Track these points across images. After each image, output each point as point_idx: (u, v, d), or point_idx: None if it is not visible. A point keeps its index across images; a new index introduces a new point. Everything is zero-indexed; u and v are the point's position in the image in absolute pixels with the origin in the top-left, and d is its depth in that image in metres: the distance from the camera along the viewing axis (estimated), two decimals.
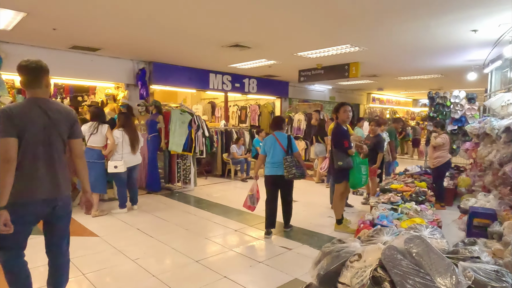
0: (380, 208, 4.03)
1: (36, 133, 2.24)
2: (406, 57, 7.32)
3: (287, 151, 4.47)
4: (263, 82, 10.77)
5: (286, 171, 4.38)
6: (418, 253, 1.63)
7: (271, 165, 4.53)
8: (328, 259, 2.04)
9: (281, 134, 4.61)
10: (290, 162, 4.38)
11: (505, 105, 5.09)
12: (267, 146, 4.58)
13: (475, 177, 6.57)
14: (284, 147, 4.47)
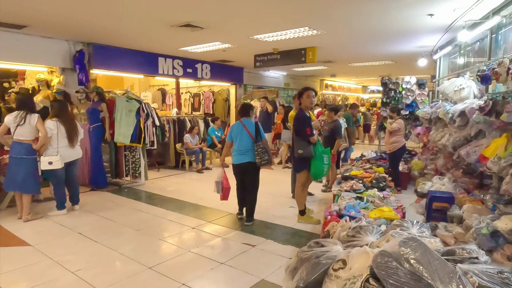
0: (346, 198, 3.87)
1: None
2: (362, 42, 7.27)
3: (255, 139, 4.41)
4: (217, 67, 10.26)
5: (258, 157, 4.36)
6: (417, 259, 1.39)
7: (238, 152, 4.46)
8: (307, 267, 1.74)
9: (249, 121, 4.53)
10: (262, 148, 4.36)
11: (458, 90, 5.18)
12: (234, 133, 4.50)
13: (427, 160, 6.77)
14: (252, 134, 4.43)
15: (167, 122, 8.35)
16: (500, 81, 3.57)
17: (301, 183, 4.54)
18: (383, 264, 1.44)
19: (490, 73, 3.91)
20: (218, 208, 5.25)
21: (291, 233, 4.21)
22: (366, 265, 1.56)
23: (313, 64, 10.63)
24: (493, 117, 3.90)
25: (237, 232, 4.27)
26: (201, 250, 3.71)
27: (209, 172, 8.17)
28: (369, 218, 3.36)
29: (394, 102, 8.21)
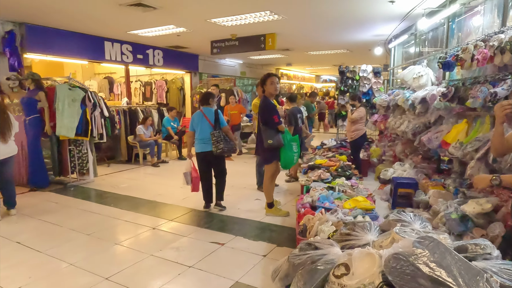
0: (318, 189, 3.73)
1: None
2: (322, 29, 7.19)
3: (214, 126, 4.41)
4: (170, 54, 9.64)
5: (214, 146, 4.35)
6: (437, 262, 1.21)
7: (199, 141, 4.46)
8: (303, 275, 1.51)
9: (209, 110, 4.52)
10: (217, 137, 4.34)
11: (417, 77, 5.27)
12: (194, 122, 4.50)
13: (385, 147, 6.93)
14: (212, 122, 4.43)
15: (117, 112, 7.67)
16: (464, 68, 3.61)
17: (270, 174, 4.34)
18: (398, 269, 1.25)
19: (452, 60, 3.96)
20: (179, 204, 4.88)
21: (261, 228, 3.99)
22: (373, 269, 1.37)
23: (270, 52, 10.44)
24: (455, 103, 3.97)
25: (203, 230, 3.95)
26: (165, 253, 3.35)
27: (165, 166, 7.68)
28: (344, 209, 3.25)
29: (352, 90, 8.31)
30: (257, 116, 5.26)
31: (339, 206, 3.34)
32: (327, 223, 2.90)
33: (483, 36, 3.62)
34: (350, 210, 3.17)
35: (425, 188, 4.49)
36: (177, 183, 6.05)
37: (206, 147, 4.41)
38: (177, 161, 8.35)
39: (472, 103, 3.39)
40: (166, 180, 6.34)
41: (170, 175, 6.74)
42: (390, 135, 6.94)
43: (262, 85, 4.37)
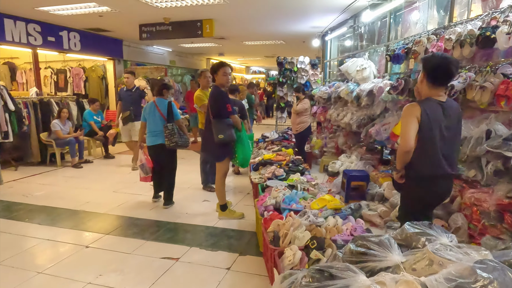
0: (281, 188, 3.44)
1: None
2: (261, 18, 6.89)
3: (167, 119, 4.23)
4: (89, 37, 8.42)
5: (167, 139, 4.17)
6: None
7: (150, 134, 4.31)
8: None
9: (162, 101, 4.33)
10: (171, 130, 4.17)
11: (360, 70, 5.33)
12: (146, 113, 4.34)
13: (326, 139, 7.00)
14: (164, 114, 4.25)
15: (25, 105, 6.42)
16: (417, 60, 3.64)
17: (223, 173, 3.92)
18: None
19: (402, 53, 4.00)
20: (115, 213, 4.19)
21: (217, 234, 3.58)
22: None
23: (204, 41, 9.85)
24: (404, 96, 4.03)
25: (150, 243, 3.39)
26: (106, 278, 2.75)
27: (90, 167, 6.70)
28: (312, 209, 3.03)
29: (290, 81, 8.25)
30: (201, 109, 4.80)
31: (307, 207, 3.11)
32: (300, 229, 2.64)
33: (433, 29, 3.70)
34: (320, 211, 2.96)
35: (375, 179, 4.56)
36: (108, 186, 5.29)
37: (157, 140, 4.25)
38: (103, 160, 7.37)
39: None
40: (94, 184, 5.48)
41: (98, 178, 5.86)
42: (331, 126, 7.03)
43: (213, 74, 3.91)
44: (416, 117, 2.16)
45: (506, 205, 2.62)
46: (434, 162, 2.21)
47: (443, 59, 2.20)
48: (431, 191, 2.30)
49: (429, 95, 2.25)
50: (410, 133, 2.17)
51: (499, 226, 2.68)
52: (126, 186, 5.32)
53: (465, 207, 3.10)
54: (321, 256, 2.17)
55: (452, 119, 2.24)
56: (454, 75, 2.24)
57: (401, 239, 1.51)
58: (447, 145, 2.23)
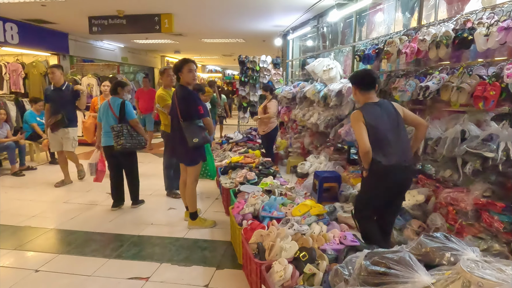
0: (258, 195, 3.23)
1: None
2: (223, 14, 6.63)
3: (119, 119, 4.07)
4: (29, 29, 7.54)
5: (114, 141, 4.01)
6: None
7: (104, 134, 4.16)
8: None
9: (115, 100, 4.16)
10: (118, 131, 4.00)
11: (327, 70, 5.30)
12: (100, 113, 4.20)
13: (291, 139, 6.94)
14: (116, 114, 4.08)
15: None
16: (391, 61, 3.65)
17: (194, 177, 3.63)
18: None
19: (372, 53, 4.00)
20: (67, 228, 3.70)
21: (189, 247, 3.28)
22: None
23: (159, 37, 9.33)
24: None
25: (113, 261, 3.01)
26: None
27: (33, 174, 5.98)
28: (294, 216, 2.86)
29: (252, 81, 8.08)
30: (164, 110, 4.44)
31: (288, 214, 2.95)
32: (286, 239, 2.46)
33: (404, 30, 3.73)
34: (302, 218, 2.80)
35: (346, 180, 4.53)
36: (57, 196, 4.73)
37: (110, 141, 4.09)
38: (49, 166, 6.63)
39: (401, 97, 3.43)
40: (39, 195, 4.86)
41: (44, 187, 5.22)
42: (296, 126, 6.98)
43: (176, 73, 3.59)
44: (361, 121, 2.52)
45: (484, 204, 2.66)
46: (387, 155, 2.51)
47: (365, 71, 2.92)
48: (388, 180, 2.56)
49: (365, 101, 2.69)
50: (363, 136, 2.49)
51: (477, 225, 2.72)
52: (79, 196, 4.78)
53: (440, 206, 3.14)
54: (316, 270, 2.01)
55: (390, 112, 2.63)
56: (376, 80, 2.70)
57: (419, 254, 1.38)
58: (395, 137, 2.56)
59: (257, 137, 7.31)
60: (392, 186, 2.60)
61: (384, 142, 2.52)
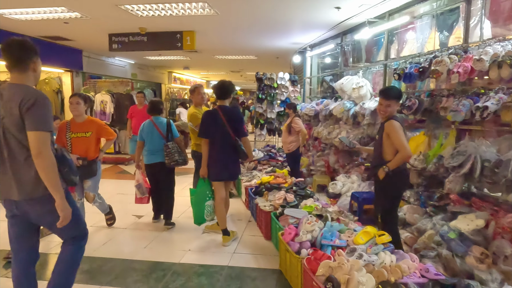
0: (312, 221, 3.05)
1: None
2: (246, 31, 6.60)
3: (166, 137, 4.19)
4: (46, 46, 7.45)
5: (167, 158, 4.10)
6: None
7: (149, 152, 4.21)
8: None
9: (159, 119, 4.28)
10: (171, 148, 4.12)
11: (356, 88, 5.22)
12: (144, 132, 4.22)
13: (313, 157, 6.80)
14: (163, 133, 4.20)
15: None
16: (440, 80, 3.56)
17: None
18: None
19: (415, 72, 3.92)
20: (102, 255, 3.48)
21: (238, 276, 3.08)
22: None
23: (173, 53, 9.30)
24: (418, 116, 3.94)
25: None
26: None
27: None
28: (358, 244, 2.70)
29: (270, 98, 7.99)
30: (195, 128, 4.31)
31: (349, 241, 2.78)
32: (360, 271, 2.29)
33: (451, 49, 3.65)
34: (369, 247, 2.63)
35: None
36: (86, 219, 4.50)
37: (156, 159, 4.17)
38: None
39: (453, 116, 3.33)
40: None
41: None
42: (319, 144, 6.85)
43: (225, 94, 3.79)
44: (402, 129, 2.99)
45: None
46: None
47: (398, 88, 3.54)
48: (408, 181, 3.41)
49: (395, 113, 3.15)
50: (406, 143, 2.94)
51: None
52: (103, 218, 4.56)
53: (503, 232, 2.99)
54: None
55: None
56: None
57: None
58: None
59: (277, 154, 7.18)
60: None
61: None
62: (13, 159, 1.97)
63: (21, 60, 2.00)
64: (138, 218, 4.61)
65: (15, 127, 1.92)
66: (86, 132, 3.63)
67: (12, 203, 2.02)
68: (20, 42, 2.02)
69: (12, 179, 1.97)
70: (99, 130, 3.71)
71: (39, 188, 1.98)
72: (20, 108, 1.89)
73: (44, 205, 2.02)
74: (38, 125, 1.90)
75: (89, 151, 3.63)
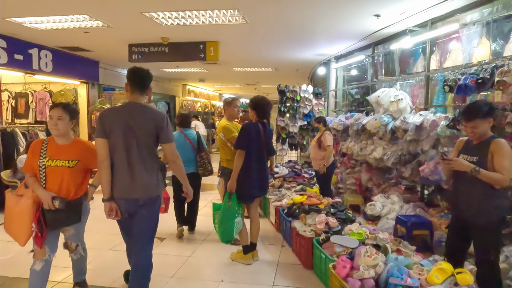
0: (372, 253, 2.64)
1: (120, 135, 2.37)
2: (270, 42, 6.30)
3: (197, 149, 4.36)
4: (63, 57, 7.24)
5: (202, 168, 4.33)
6: None
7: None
8: None
9: (190, 131, 4.48)
10: (205, 159, 4.36)
11: (395, 101, 4.85)
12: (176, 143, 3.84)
13: (341, 174, 6.39)
14: (194, 144, 4.38)
15: None
16: (508, 92, 3.17)
17: None
18: None
19: (471, 83, 3.54)
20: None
21: None
22: None
23: (190, 65, 9.08)
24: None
25: None
26: None
27: None
28: (433, 285, 2.27)
29: (293, 111, 7.64)
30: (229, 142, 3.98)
31: (421, 280, 2.36)
32: None
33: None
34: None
35: (437, 227, 3.94)
36: (98, 241, 4.13)
37: (188, 169, 3.86)
38: None
39: None
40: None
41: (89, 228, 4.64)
42: (349, 161, 6.45)
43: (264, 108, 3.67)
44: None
45: None
46: None
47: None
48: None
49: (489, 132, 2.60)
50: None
51: None
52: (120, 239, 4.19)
53: None
54: None
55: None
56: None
57: None
58: None
59: (302, 170, 6.79)
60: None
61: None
62: (143, 164, 2.41)
63: (145, 86, 2.54)
64: (161, 241, 4.24)
65: (149, 138, 2.42)
66: (69, 161, 2.52)
67: (131, 202, 2.42)
68: (147, 72, 2.56)
69: (135, 180, 2.38)
70: (89, 157, 2.59)
71: (157, 189, 2.50)
72: (156, 124, 2.40)
73: (153, 205, 2.50)
74: (171, 138, 2.50)
75: (71, 187, 2.54)
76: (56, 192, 2.49)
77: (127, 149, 2.37)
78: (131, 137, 2.37)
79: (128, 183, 2.37)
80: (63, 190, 2.52)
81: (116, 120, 2.39)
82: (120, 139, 2.36)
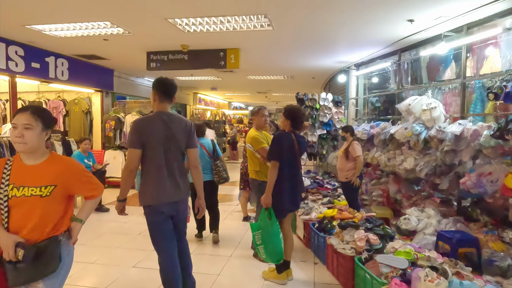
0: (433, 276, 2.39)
1: (159, 145, 2.50)
2: (291, 49, 6.15)
3: (213, 156, 4.43)
4: (78, 65, 7.14)
5: (217, 176, 4.38)
6: None
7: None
8: None
9: (205, 140, 4.52)
10: (220, 166, 4.40)
11: (428, 109, 4.63)
12: None
13: (366, 185, 6.15)
14: (210, 152, 4.44)
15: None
16: None
17: None
18: None
19: None
20: None
21: None
22: None
23: (205, 73, 8.92)
24: None
25: None
26: None
27: (101, 216, 5.24)
28: None
29: (312, 120, 7.44)
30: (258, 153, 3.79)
31: None
32: None
33: None
34: None
35: (483, 244, 3.68)
36: (120, 258, 3.92)
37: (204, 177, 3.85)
38: (95, 214, 5.87)
39: None
40: (90, 255, 4.06)
41: (97, 242, 4.44)
42: (374, 171, 6.21)
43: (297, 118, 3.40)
44: None
45: None
46: None
47: None
48: None
49: None
50: None
51: None
52: (142, 255, 3.99)
53: None
54: None
55: None
56: None
57: None
58: None
59: (325, 181, 6.56)
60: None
61: None
62: (180, 169, 2.62)
63: (173, 95, 2.65)
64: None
65: (184, 144, 2.62)
66: (42, 187, 1.77)
67: (172, 205, 2.58)
68: (173, 82, 2.66)
69: (177, 184, 2.58)
70: (72, 180, 1.87)
71: (189, 190, 2.77)
72: (186, 131, 2.62)
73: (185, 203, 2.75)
74: (196, 144, 2.72)
75: (47, 224, 1.79)
76: (24, 234, 1.73)
77: (166, 157, 2.52)
78: (168, 146, 2.53)
79: (170, 189, 2.54)
80: (35, 231, 1.75)
81: (152, 130, 2.51)
82: (158, 149, 2.50)
